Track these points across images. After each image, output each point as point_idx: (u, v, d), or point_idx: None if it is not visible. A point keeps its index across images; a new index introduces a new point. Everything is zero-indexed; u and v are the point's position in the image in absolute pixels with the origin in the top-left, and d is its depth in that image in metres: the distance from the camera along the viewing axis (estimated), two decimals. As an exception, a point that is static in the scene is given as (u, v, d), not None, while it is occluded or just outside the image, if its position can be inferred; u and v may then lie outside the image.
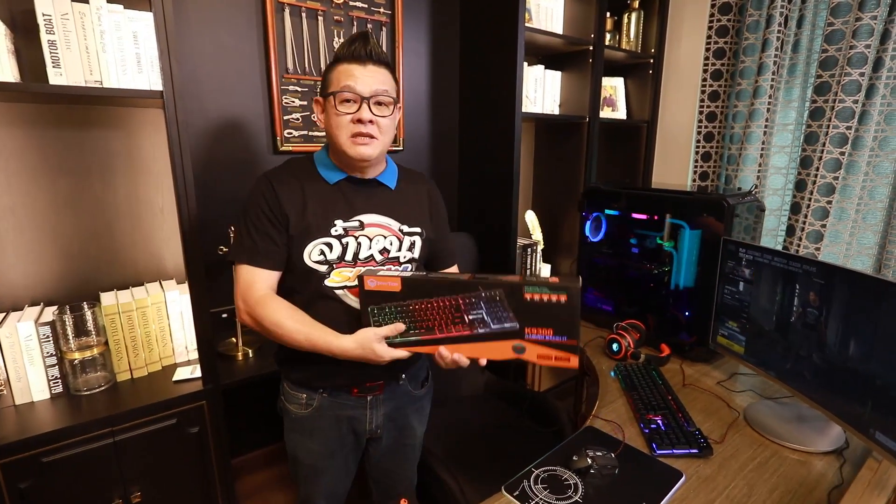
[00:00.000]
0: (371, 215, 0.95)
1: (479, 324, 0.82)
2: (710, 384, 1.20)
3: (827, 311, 0.90)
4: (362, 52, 0.88)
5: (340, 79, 0.88)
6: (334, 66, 0.90)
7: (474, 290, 0.81)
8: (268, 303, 0.89)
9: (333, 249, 0.91)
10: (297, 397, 1.00)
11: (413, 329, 0.86)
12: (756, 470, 0.88)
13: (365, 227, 0.94)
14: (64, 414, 1.12)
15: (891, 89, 1.65)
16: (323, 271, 0.91)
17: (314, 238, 0.90)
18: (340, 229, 0.92)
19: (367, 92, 0.88)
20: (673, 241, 1.40)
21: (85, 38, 1.10)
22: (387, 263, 0.96)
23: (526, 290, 0.79)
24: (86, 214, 1.32)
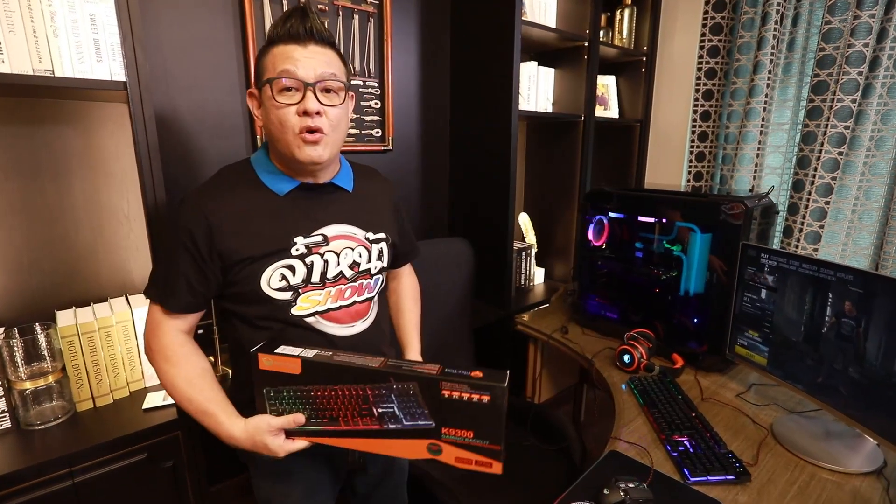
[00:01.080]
0: (334, 226, 0.82)
1: (390, 419, 0.72)
2: (730, 397, 1.14)
3: (867, 322, 0.84)
4: (300, 30, 0.73)
5: (276, 63, 0.73)
6: (268, 50, 0.75)
7: (384, 381, 0.71)
8: (170, 356, 0.78)
9: (297, 272, 0.78)
10: None
11: (315, 419, 0.75)
12: (798, 497, 0.81)
13: (330, 242, 0.81)
14: (13, 454, 0.97)
15: (887, 88, 1.64)
16: (287, 299, 0.78)
17: (271, 262, 0.77)
18: (302, 247, 0.79)
19: (311, 77, 0.73)
20: (681, 245, 1.34)
21: (32, 20, 0.95)
22: (358, 279, 0.85)
23: (444, 385, 0.69)
24: (38, 222, 1.16)
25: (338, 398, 0.73)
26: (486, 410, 0.68)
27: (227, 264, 0.77)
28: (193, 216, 0.75)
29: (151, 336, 0.80)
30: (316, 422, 0.74)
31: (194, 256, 0.76)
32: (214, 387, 0.79)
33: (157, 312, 0.79)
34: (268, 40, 0.77)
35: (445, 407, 0.69)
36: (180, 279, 0.77)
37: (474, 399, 0.68)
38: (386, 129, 1.70)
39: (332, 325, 0.83)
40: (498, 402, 0.68)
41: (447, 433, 0.70)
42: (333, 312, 0.83)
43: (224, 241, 0.76)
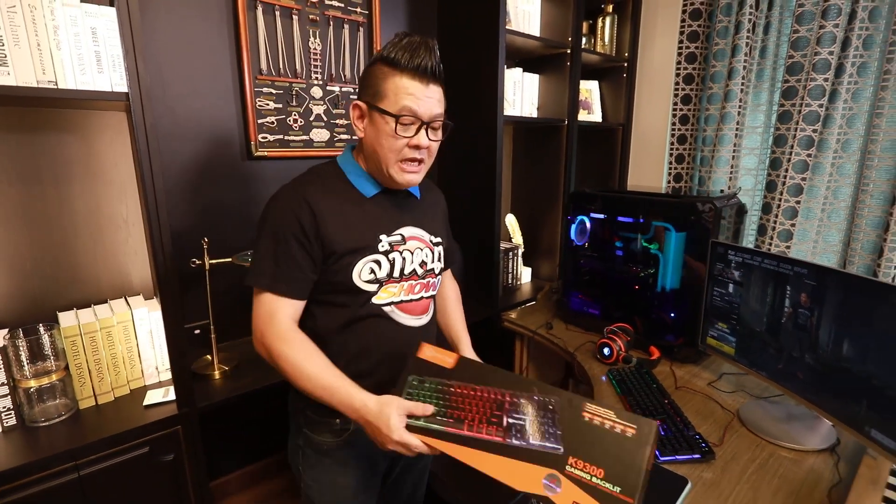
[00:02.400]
0: (409, 228, 0.91)
1: (517, 432, 0.67)
2: (702, 385, 1.21)
3: (819, 313, 0.92)
4: (427, 69, 0.79)
5: (400, 96, 0.79)
6: (390, 76, 0.80)
7: (527, 390, 0.70)
8: (290, 340, 0.81)
9: (382, 267, 0.86)
10: (328, 424, 0.90)
11: (442, 415, 0.73)
12: (757, 472, 0.88)
13: (406, 241, 0.90)
14: (19, 449, 1.01)
15: (852, 94, 1.73)
16: (373, 290, 0.86)
17: (363, 256, 0.84)
18: (386, 244, 0.87)
19: (427, 116, 0.81)
20: (658, 244, 1.41)
21: (36, 33, 1.00)
22: (427, 276, 0.93)
23: (587, 407, 0.64)
24: (40, 226, 1.21)
25: (474, 398, 0.72)
26: (628, 446, 0.60)
27: (327, 252, 0.82)
28: (297, 204, 0.81)
29: (267, 322, 0.81)
30: (442, 419, 0.72)
31: (301, 241, 0.81)
32: (333, 365, 0.81)
33: (270, 301, 0.82)
34: (387, 61, 0.80)
35: (582, 432, 0.63)
36: (291, 264, 0.81)
37: (617, 429, 0.61)
38: (376, 134, 1.75)
39: (404, 316, 0.90)
40: (644, 438, 0.60)
41: (574, 464, 0.62)
42: (406, 304, 0.90)
43: (326, 229, 0.82)
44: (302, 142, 1.57)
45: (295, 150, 1.55)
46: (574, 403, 0.65)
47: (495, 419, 0.69)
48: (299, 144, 1.56)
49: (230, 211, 1.47)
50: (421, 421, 0.74)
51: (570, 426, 0.64)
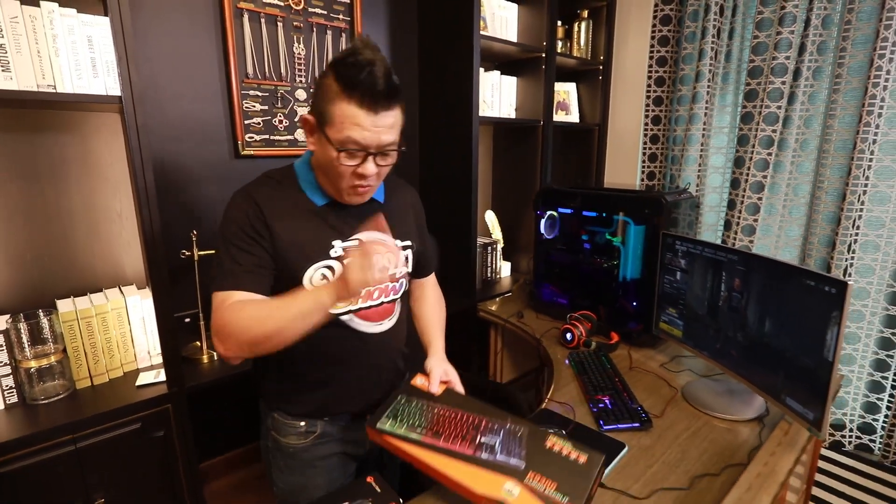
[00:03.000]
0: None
1: (487, 449, 0.76)
2: (654, 366, 1.31)
3: (748, 295, 1.02)
4: (379, 94, 0.75)
5: (345, 126, 0.76)
6: (338, 100, 0.75)
7: (502, 419, 0.79)
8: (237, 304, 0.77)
9: (336, 273, 0.83)
10: (293, 427, 0.92)
11: (421, 428, 0.81)
12: (689, 438, 0.98)
13: None
14: (21, 423, 1.10)
15: (808, 96, 1.83)
16: None
17: (314, 261, 0.83)
18: (340, 250, 0.85)
19: (374, 146, 0.78)
20: (621, 237, 1.51)
21: (36, 42, 1.09)
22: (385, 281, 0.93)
23: (550, 438, 0.76)
24: (39, 221, 1.29)
25: (453, 419, 0.81)
26: (579, 469, 0.72)
27: (276, 248, 0.81)
28: (247, 202, 0.82)
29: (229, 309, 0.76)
30: (420, 431, 0.80)
31: (253, 235, 0.80)
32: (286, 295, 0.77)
33: (234, 296, 0.78)
34: (338, 77, 0.75)
35: (543, 455, 0.74)
36: (248, 258, 0.79)
37: (572, 456, 0.74)
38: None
39: (363, 323, 0.90)
40: (592, 468, 0.72)
41: (532, 478, 0.72)
42: (364, 311, 0.89)
43: (276, 232, 0.81)
44: (287, 141, 1.66)
45: (280, 150, 1.65)
46: (539, 434, 0.76)
47: (469, 437, 0.77)
48: (284, 144, 1.66)
49: (219, 206, 1.53)
50: (401, 430, 0.80)
51: (533, 450, 0.74)
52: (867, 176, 1.74)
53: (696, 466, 0.89)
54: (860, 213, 1.77)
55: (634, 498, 0.82)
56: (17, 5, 1.05)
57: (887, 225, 1.75)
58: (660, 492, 0.83)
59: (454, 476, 0.73)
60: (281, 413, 0.93)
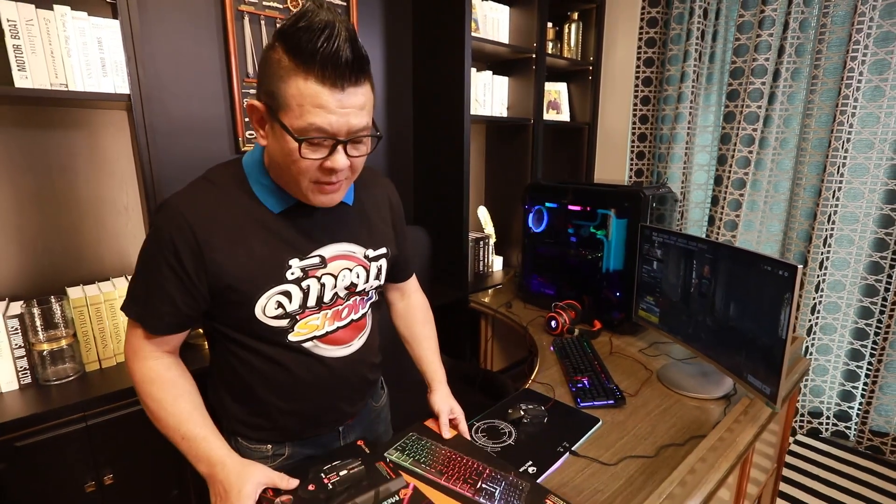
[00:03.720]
0: (333, 245, 0.76)
1: (486, 495, 0.74)
2: (633, 352, 1.38)
3: (715, 281, 1.09)
4: (342, 67, 0.59)
5: (305, 109, 0.60)
6: (292, 76, 0.60)
7: (506, 470, 0.79)
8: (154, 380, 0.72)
9: (293, 298, 0.72)
10: (259, 451, 0.82)
11: (427, 465, 0.80)
12: (660, 415, 1.06)
13: (328, 263, 0.75)
14: (35, 402, 1.17)
15: (787, 96, 1.91)
16: (284, 326, 0.73)
17: (267, 288, 0.70)
18: (297, 271, 0.72)
19: (344, 132, 0.63)
20: (605, 231, 1.58)
21: (50, 42, 1.16)
22: (351, 297, 0.81)
23: (551, 497, 0.74)
24: (50, 212, 1.36)
25: (458, 462, 0.80)
26: None
27: (218, 286, 0.69)
28: (178, 228, 0.66)
29: (133, 358, 0.73)
30: (425, 467, 0.80)
31: (179, 275, 0.67)
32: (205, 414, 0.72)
33: (138, 334, 0.71)
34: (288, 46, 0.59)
35: None
36: (164, 299, 0.68)
37: None
38: (355, 132, 1.91)
39: (329, 348, 0.79)
40: None
41: None
42: (331, 335, 0.78)
43: (214, 260, 0.67)
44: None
45: (279, 146, 1.71)
46: (541, 491, 0.75)
47: (471, 481, 0.76)
48: (283, 140, 1.73)
49: (220, 200, 1.63)
50: (406, 463, 0.81)
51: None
52: (842, 173, 1.82)
53: (663, 438, 0.97)
54: (835, 209, 1.85)
55: (604, 464, 0.89)
56: (33, 9, 1.12)
57: (861, 220, 1.83)
58: (627, 459, 0.90)
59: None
60: (244, 435, 0.82)
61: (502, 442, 0.94)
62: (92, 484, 1.21)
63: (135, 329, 0.72)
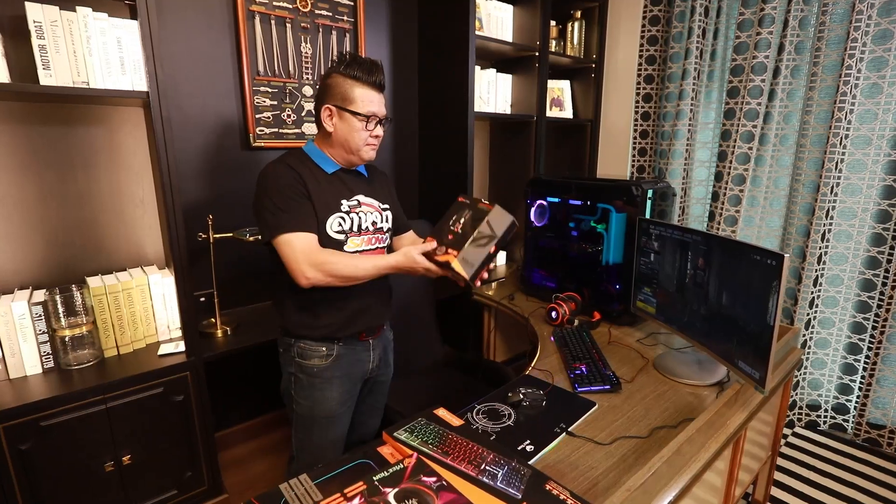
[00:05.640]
0: (362, 196, 1.18)
1: (489, 475, 0.79)
2: (631, 342, 1.42)
3: (709, 272, 1.13)
4: (380, 83, 1.12)
5: (365, 103, 1.10)
6: (356, 87, 1.09)
7: (510, 458, 0.83)
8: (333, 252, 1.09)
9: (346, 222, 1.13)
10: (317, 351, 1.16)
11: (434, 445, 0.87)
12: (655, 400, 1.10)
13: (361, 205, 1.17)
14: (58, 384, 1.23)
15: (787, 93, 1.94)
16: (342, 239, 1.13)
17: (332, 213, 1.11)
18: (346, 206, 1.14)
19: (382, 115, 1.14)
20: (605, 224, 1.62)
21: (73, 42, 1.21)
22: (377, 232, 1.20)
23: (551, 482, 0.78)
24: (71, 205, 1.43)
25: (464, 446, 0.85)
26: None
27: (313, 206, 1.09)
28: (290, 171, 1.09)
29: (313, 252, 1.05)
30: (432, 448, 0.85)
31: (304, 194, 1.08)
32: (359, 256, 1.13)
33: (305, 238, 1.06)
34: (351, 76, 1.09)
35: (540, 495, 0.75)
36: (308, 209, 1.08)
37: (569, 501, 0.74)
38: (362, 129, 1.97)
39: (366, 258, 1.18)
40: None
41: None
42: (367, 252, 1.18)
43: (309, 186, 1.09)
44: (294, 134, 1.79)
45: (288, 142, 1.77)
46: (542, 478, 0.79)
47: (476, 463, 0.82)
48: (292, 136, 1.78)
49: (231, 193, 1.69)
50: (414, 443, 0.86)
51: (533, 488, 0.77)
52: (840, 169, 1.84)
53: (656, 421, 1.01)
54: (833, 204, 1.88)
55: (598, 444, 0.93)
56: (57, 10, 1.18)
57: (859, 215, 1.85)
58: (621, 439, 0.95)
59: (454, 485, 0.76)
60: (306, 341, 1.16)
61: (502, 423, 0.98)
62: (111, 463, 1.28)
63: (297, 240, 1.05)
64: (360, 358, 1.23)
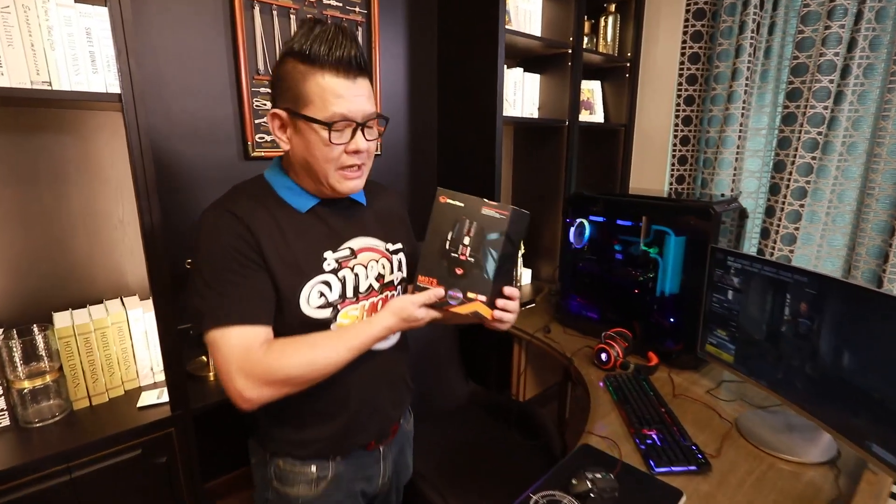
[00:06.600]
0: (358, 239, 0.82)
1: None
2: (700, 393, 1.19)
3: (819, 322, 0.90)
4: (351, 60, 0.70)
5: (327, 100, 0.69)
6: (310, 76, 0.70)
7: None
8: (276, 348, 0.71)
9: (333, 288, 0.77)
10: (303, 475, 0.82)
11: None
12: (755, 485, 0.87)
13: (357, 255, 0.81)
14: (13, 450, 1.01)
15: (858, 96, 1.70)
16: (328, 316, 0.76)
17: (308, 279, 0.75)
18: (333, 262, 0.78)
19: (361, 117, 0.73)
20: (657, 248, 1.39)
21: (30, 34, 0.99)
22: (385, 289, 0.85)
23: None
24: (36, 227, 1.20)
25: None
26: None
27: (269, 270, 0.73)
28: (235, 223, 0.72)
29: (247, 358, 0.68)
30: None
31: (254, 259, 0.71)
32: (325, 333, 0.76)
33: (241, 335, 0.69)
34: (302, 56, 0.69)
35: None
36: (253, 289, 0.71)
37: None
38: (375, 135, 1.74)
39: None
40: None
41: None
42: None
43: (264, 242, 0.72)
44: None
45: (292, 151, 1.54)
46: None
47: None
48: (297, 145, 1.55)
49: (227, 211, 1.46)
50: None
51: None
52: (925, 183, 1.61)
53: (766, 521, 0.78)
54: (917, 224, 1.64)
55: (702, 562, 0.71)
56: (8, -7, 0.96)
57: (947, 236, 1.62)
58: (731, 555, 0.72)
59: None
60: (287, 459, 0.82)
61: (570, 526, 0.76)
62: (77, 546, 1.05)
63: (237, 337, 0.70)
64: (366, 474, 0.88)
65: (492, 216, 0.77)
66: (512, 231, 0.76)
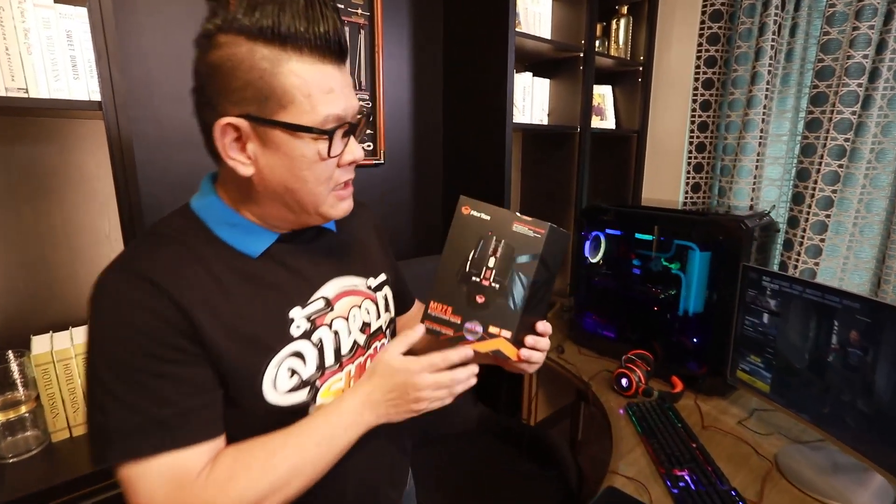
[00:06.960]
0: (333, 282, 0.63)
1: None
2: (732, 424, 1.10)
3: (875, 354, 0.81)
4: (339, 39, 0.51)
5: (315, 97, 0.50)
6: (285, 63, 0.49)
7: None
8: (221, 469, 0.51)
9: (308, 359, 0.57)
10: None
11: None
12: (804, 538, 0.77)
13: (334, 305, 0.62)
14: (-19, 491, 0.92)
15: (888, 100, 1.61)
16: (304, 400, 0.58)
17: (272, 354, 0.55)
18: (303, 322, 0.58)
19: (353, 115, 0.56)
20: (679, 263, 1.30)
21: (4, 37, 0.91)
22: (373, 340, 0.68)
23: None
24: (14, 243, 1.12)
25: None
26: None
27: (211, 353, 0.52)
28: (147, 301, 0.49)
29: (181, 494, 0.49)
30: None
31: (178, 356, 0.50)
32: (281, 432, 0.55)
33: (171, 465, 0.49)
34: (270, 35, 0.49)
35: None
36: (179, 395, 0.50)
37: None
38: (378, 143, 1.66)
39: None
40: None
41: None
42: None
43: (206, 328, 0.51)
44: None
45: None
46: None
47: None
48: (295, 154, 1.47)
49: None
50: None
51: None
52: (962, 193, 1.51)
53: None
54: (953, 236, 1.55)
55: None
56: (-20, -7, 0.88)
57: None
58: None
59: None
60: None
61: None
62: None
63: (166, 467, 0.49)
64: None
65: (524, 234, 0.61)
66: (547, 253, 0.61)
